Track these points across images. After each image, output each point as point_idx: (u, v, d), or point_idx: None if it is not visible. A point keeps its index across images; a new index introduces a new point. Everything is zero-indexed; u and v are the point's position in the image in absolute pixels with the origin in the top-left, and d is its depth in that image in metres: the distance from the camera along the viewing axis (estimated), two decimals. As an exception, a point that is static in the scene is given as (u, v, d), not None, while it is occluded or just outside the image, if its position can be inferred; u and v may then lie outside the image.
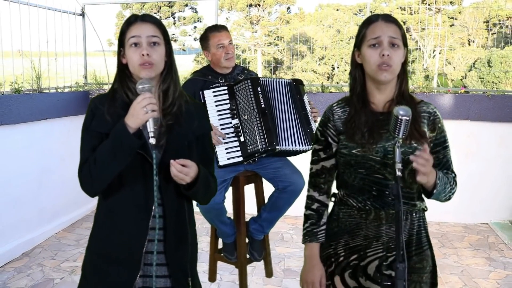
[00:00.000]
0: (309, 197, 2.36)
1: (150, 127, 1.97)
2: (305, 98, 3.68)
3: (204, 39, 3.88)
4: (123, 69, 2.16)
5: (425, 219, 2.23)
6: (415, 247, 2.16)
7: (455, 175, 2.19)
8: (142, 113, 1.96)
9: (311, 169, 2.35)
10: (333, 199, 2.34)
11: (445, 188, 2.07)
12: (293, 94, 3.65)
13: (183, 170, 1.98)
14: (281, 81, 3.67)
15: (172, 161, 1.98)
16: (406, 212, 2.14)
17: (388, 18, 2.12)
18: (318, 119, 3.68)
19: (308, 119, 3.64)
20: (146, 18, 2.14)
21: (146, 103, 1.96)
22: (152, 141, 1.98)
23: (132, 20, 2.13)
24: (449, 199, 2.15)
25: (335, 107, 2.29)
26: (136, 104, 1.98)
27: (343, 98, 2.30)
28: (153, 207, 2.10)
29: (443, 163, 2.16)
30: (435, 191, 2.02)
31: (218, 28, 3.88)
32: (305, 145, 3.57)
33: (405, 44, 2.13)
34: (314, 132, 3.60)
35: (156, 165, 2.02)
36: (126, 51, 2.12)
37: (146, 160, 2.06)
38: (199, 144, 2.20)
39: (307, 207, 2.36)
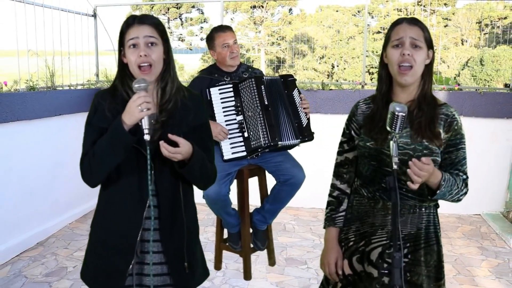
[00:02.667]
0: (332, 185, 2.40)
1: (145, 124, 1.98)
2: (295, 93, 3.66)
3: (210, 39, 3.88)
4: (123, 68, 2.16)
5: (436, 216, 2.24)
6: (423, 241, 2.18)
7: (467, 177, 2.17)
8: (137, 111, 1.96)
9: (336, 159, 2.40)
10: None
11: (451, 190, 2.06)
12: (280, 90, 3.64)
13: (171, 150, 1.98)
14: (271, 79, 3.66)
15: (161, 142, 1.98)
16: (414, 206, 2.15)
17: (412, 21, 2.14)
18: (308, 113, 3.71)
19: (297, 113, 3.62)
20: (143, 20, 2.13)
21: (141, 102, 1.96)
22: (147, 137, 1.98)
23: (130, 22, 2.12)
24: (458, 200, 2.13)
25: (361, 103, 2.33)
26: (131, 102, 1.98)
27: (370, 96, 2.32)
28: (148, 198, 2.11)
29: (454, 164, 2.15)
30: (438, 191, 2.01)
31: (223, 29, 3.88)
32: (293, 139, 3.57)
33: (430, 46, 2.13)
34: (304, 125, 3.61)
35: (150, 160, 2.02)
36: (125, 51, 2.12)
37: (142, 153, 2.07)
38: (196, 134, 2.19)
39: (329, 194, 2.40)
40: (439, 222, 2.26)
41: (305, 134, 3.60)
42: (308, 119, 3.67)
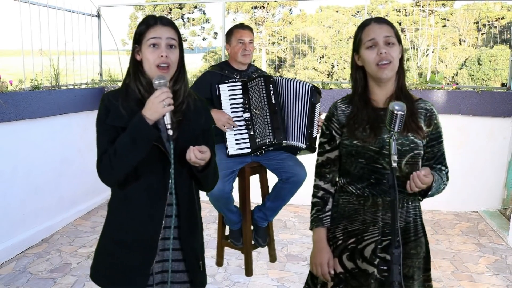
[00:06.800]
0: (315, 186, 2.37)
1: (168, 119, 1.99)
2: (318, 106, 3.67)
3: (229, 34, 3.93)
4: (136, 65, 2.15)
5: (420, 209, 2.25)
6: (412, 234, 2.18)
7: (448, 170, 2.22)
8: (161, 107, 1.96)
9: (317, 160, 2.36)
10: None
11: (439, 188, 2.11)
12: (307, 97, 3.65)
13: (201, 156, 2.00)
14: (302, 83, 3.66)
15: (192, 147, 1.99)
16: (402, 200, 2.15)
17: (379, 20, 2.15)
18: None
19: (313, 122, 3.63)
20: (165, 22, 2.13)
21: (164, 97, 1.96)
22: (170, 132, 1.98)
23: (152, 23, 2.11)
24: (440, 193, 2.18)
25: (339, 103, 2.30)
26: (154, 98, 1.98)
27: (347, 96, 2.30)
28: (168, 196, 2.11)
29: (437, 157, 2.19)
30: (429, 193, 2.06)
31: (243, 26, 3.94)
32: (301, 142, 3.59)
33: (400, 42, 2.14)
34: (313, 136, 3.62)
35: (173, 155, 2.03)
36: (143, 50, 2.10)
37: (161, 151, 2.06)
38: (204, 137, 2.21)
39: (314, 195, 2.36)
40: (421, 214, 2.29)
41: (311, 143, 3.62)
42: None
